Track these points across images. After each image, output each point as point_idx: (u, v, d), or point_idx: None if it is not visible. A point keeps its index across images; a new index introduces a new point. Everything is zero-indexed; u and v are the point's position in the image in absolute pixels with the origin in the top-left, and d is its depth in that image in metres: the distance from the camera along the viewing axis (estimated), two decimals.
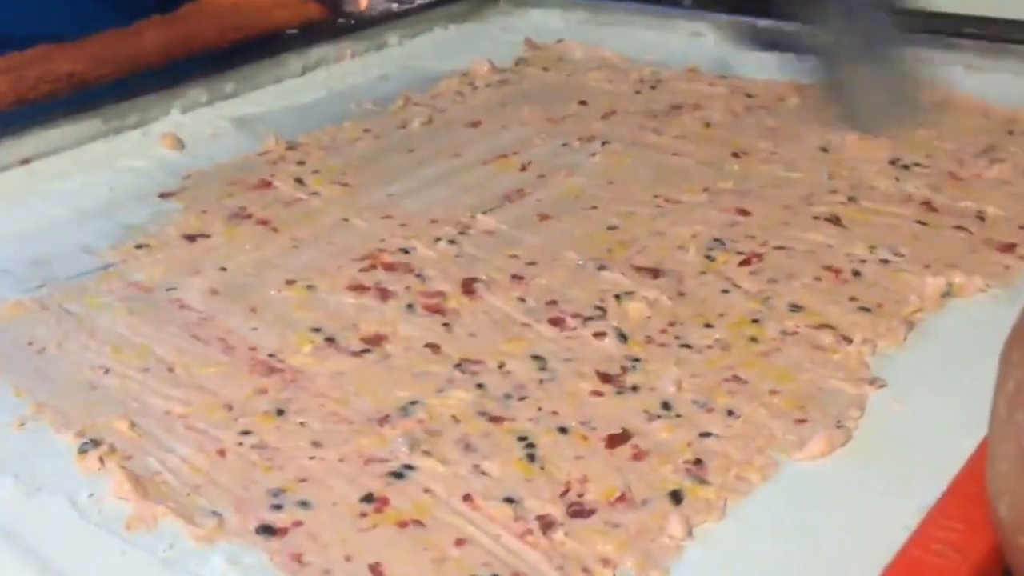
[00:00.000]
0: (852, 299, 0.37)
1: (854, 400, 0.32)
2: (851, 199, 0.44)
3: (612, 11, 0.67)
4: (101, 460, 0.30)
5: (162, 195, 0.47)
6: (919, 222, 0.42)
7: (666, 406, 0.32)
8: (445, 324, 0.36)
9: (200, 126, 0.55)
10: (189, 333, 0.36)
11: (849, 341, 0.35)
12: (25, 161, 0.50)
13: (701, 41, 0.64)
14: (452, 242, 0.42)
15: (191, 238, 0.43)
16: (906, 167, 0.47)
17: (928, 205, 0.43)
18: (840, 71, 0.48)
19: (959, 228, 0.41)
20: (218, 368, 0.34)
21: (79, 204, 0.47)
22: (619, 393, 0.33)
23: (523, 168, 0.49)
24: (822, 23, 0.47)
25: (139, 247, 0.43)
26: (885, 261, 0.39)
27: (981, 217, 0.42)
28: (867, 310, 0.36)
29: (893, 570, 0.23)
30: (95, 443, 0.31)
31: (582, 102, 0.56)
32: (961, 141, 0.49)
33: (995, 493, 0.21)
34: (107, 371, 0.34)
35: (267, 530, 0.28)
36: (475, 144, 0.51)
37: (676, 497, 0.28)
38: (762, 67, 0.58)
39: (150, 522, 0.28)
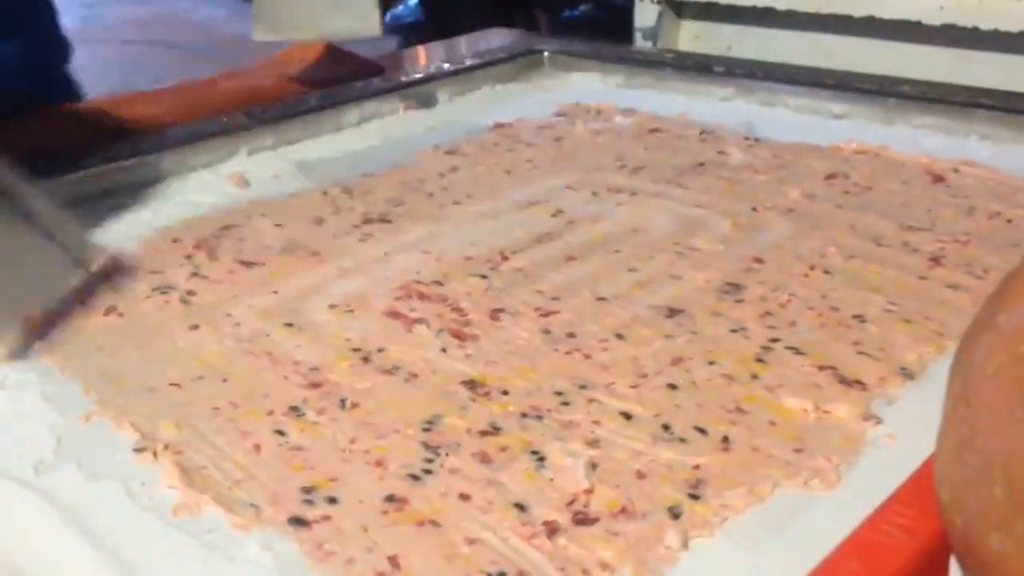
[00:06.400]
0: (855, 343, 0.39)
1: (850, 434, 0.34)
2: (861, 253, 0.47)
3: (647, 75, 0.71)
4: (155, 454, 0.34)
5: (224, 227, 0.52)
6: (922, 277, 0.44)
7: (670, 431, 0.34)
8: (471, 349, 0.39)
9: (264, 168, 0.59)
10: (241, 348, 0.40)
11: (849, 381, 0.37)
12: (107, 192, 0.55)
13: (730, 104, 0.67)
14: (483, 277, 0.45)
15: (248, 264, 0.47)
16: (911, 227, 0.49)
17: (935, 261, 0.46)
18: None
19: (960, 284, 0.43)
20: (264, 379, 0.38)
21: (150, 231, 0.51)
22: (627, 418, 0.35)
23: (554, 215, 0.52)
24: None
25: (201, 271, 0.47)
26: (889, 311, 0.42)
27: (983, 274, 0.44)
28: (869, 355, 0.38)
29: (843, 550, 0.24)
30: (151, 439, 0.34)
31: (613, 157, 0.60)
32: (970, 204, 0.51)
33: (938, 480, 0.23)
34: (166, 377, 0.38)
35: (298, 522, 0.31)
36: (511, 191, 0.55)
37: (675, 512, 0.31)
38: (787, 130, 0.61)
39: (194, 509, 0.31)
